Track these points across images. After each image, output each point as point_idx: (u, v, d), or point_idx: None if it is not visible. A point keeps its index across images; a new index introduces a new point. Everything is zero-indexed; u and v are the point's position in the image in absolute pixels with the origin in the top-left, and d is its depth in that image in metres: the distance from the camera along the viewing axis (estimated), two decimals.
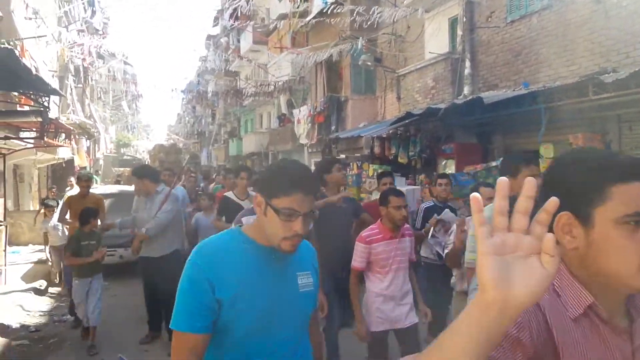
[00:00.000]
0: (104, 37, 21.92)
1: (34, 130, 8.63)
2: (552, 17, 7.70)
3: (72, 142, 14.74)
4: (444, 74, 10.01)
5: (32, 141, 8.98)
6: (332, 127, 14.48)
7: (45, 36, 13.00)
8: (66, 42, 16.15)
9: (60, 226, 7.08)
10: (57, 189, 13.16)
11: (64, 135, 12.13)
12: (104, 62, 20.75)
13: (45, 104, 6.83)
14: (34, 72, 6.28)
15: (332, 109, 14.56)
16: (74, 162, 16.95)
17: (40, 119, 6.84)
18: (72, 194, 11.44)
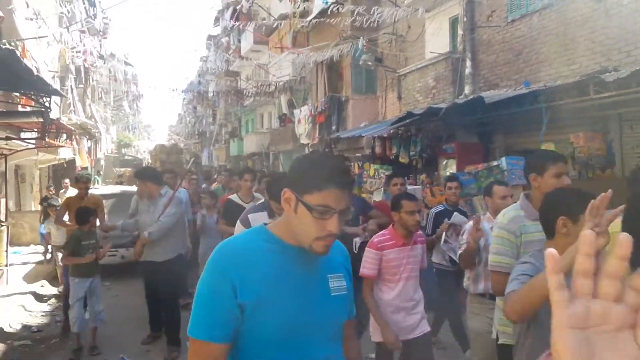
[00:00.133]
0: (104, 38, 21.95)
1: (35, 130, 8.64)
2: (553, 16, 7.69)
3: (73, 142, 14.75)
4: (444, 73, 10.00)
5: (33, 142, 8.99)
6: (332, 127, 14.47)
7: (46, 37, 13.02)
8: (67, 42, 16.16)
9: None
10: (55, 188, 13.19)
11: (65, 135, 12.13)
12: (104, 63, 20.75)
13: (46, 104, 6.83)
14: (35, 73, 6.28)
15: (332, 108, 14.56)
16: (75, 163, 16.97)
17: (41, 120, 6.84)
18: (68, 195, 11.49)
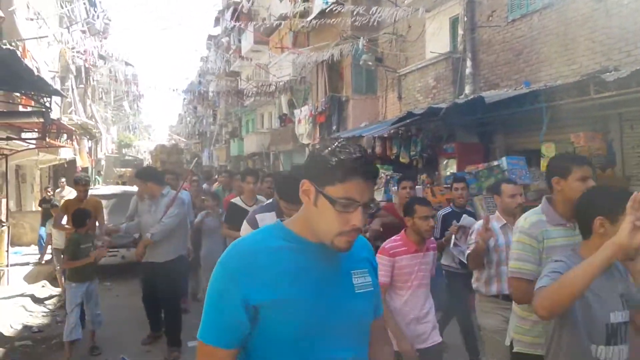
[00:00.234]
0: (105, 38, 21.96)
1: (36, 130, 8.64)
2: (553, 16, 7.69)
3: (73, 142, 14.76)
4: (445, 73, 10.00)
5: (34, 142, 9.00)
6: (333, 127, 14.47)
7: (46, 37, 13.03)
8: (68, 43, 16.17)
9: None
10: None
11: (65, 135, 12.13)
12: (105, 63, 20.75)
13: (47, 104, 6.83)
14: (36, 73, 6.28)
15: (333, 108, 14.57)
16: (76, 163, 16.99)
17: (42, 120, 6.84)
18: (64, 195, 11.45)
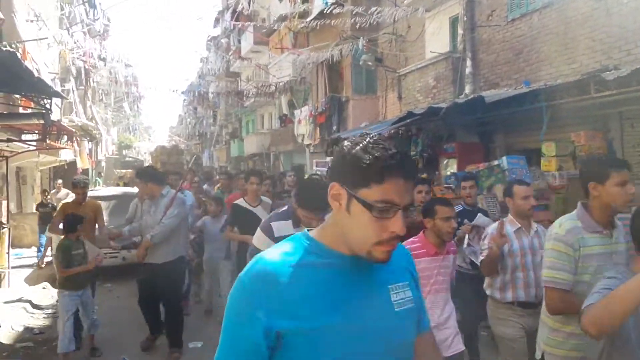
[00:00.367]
0: (104, 39, 21.97)
1: (36, 132, 8.66)
2: (553, 15, 7.69)
3: (74, 144, 14.76)
4: (445, 73, 10.00)
5: (34, 143, 9.01)
6: (333, 127, 14.47)
7: (46, 38, 13.04)
8: (67, 44, 16.18)
9: None
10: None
11: (66, 137, 12.14)
12: (105, 64, 20.75)
13: (47, 106, 6.83)
14: (36, 75, 6.28)
15: (333, 109, 14.57)
16: (77, 164, 16.99)
17: (42, 121, 6.85)
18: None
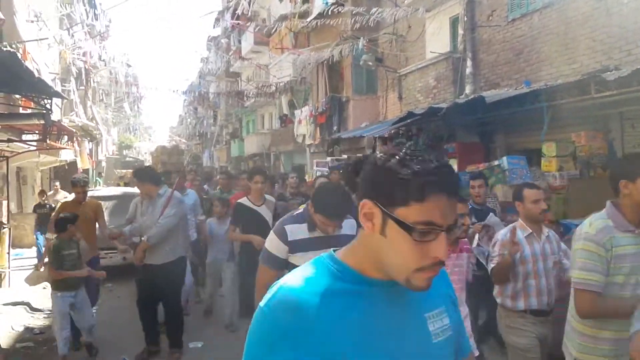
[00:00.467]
0: (105, 39, 21.99)
1: (37, 132, 8.67)
2: (554, 15, 7.69)
3: (74, 144, 14.78)
4: (445, 73, 10.00)
5: (34, 143, 9.02)
6: (333, 128, 14.48)
7: (47, 39, 13.05)
8: (68, 44, 16.19)
9: None
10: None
11: (66, 137, 12.16)
12: (105, 65, 20.78)
13: (47, 106, 6.84)
14: (36, 75, 6.29)
15: (333, 109, 14.57)
16: (77, 164, 17.00)
17: (42, 122, 6.86)
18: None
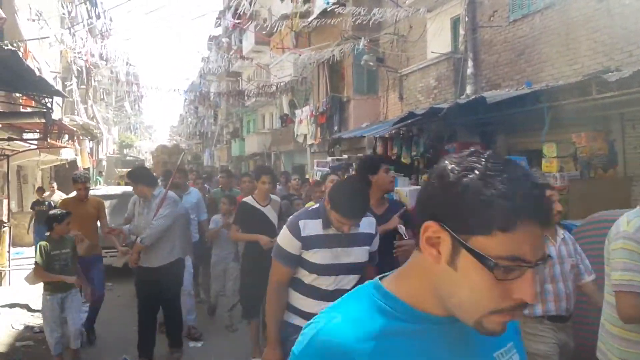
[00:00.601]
0: (107, 37, 22.00)
1: (38, 131, 8.67)
2: (555, 16, 7.68)
3: (75, 143, 14.79)
4: (446, 73, 9.99)
5: (35, 142, 9.02)
6: (334, 128, 14.48)
7: (48, 37, 13.05)
8: (69, 44, 16.20)
9: None
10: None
11: (67, 136, 12.17)
12: (106, 64, 20.78)
13: (48, 105, 6.85)
14: (37, 74, 6.29)
15: (334, 109, 14.57)
16: (77, 163, 17.01)
17: (43, 120, 6.87)
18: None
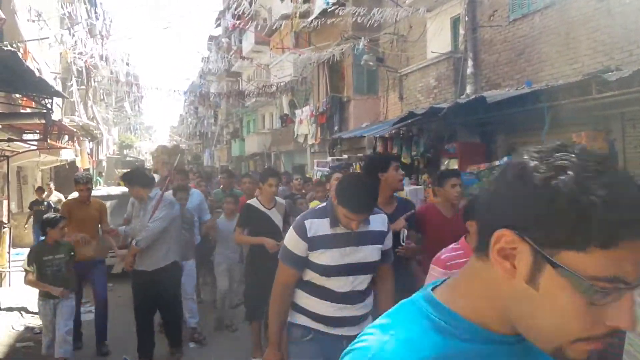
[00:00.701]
0: (106, 38, 21.99)
1: (37, 132, 8.67)
2: (555, 16, 7.68)
3: (75, 143, 14.78)
4: (446, 73, 9.99)
5: (35, 143, 9.02)
6: (334, 127, 14.48)
7: (47, 38, 13.05)
8: (69, 44, 16.20)
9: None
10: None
11: (67, 137, 12.17)
12: (106, 64, 20.78)
13: (48, 105, 6.85)
14: (37, 74, 6.29)
15: (334, 109, 14.57)
16: (77, 164, 17.00)
17: (43, 121, 6.87)
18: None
